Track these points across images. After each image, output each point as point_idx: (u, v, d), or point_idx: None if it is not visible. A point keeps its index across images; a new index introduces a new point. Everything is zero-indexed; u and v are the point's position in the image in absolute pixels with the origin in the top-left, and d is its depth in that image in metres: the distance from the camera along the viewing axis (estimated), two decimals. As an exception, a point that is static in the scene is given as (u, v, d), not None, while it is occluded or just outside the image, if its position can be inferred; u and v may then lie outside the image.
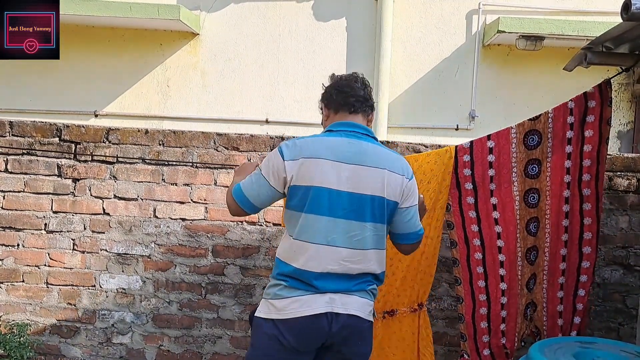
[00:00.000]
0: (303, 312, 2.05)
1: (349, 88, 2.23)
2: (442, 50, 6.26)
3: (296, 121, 6.21)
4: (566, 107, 2.82)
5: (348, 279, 2.10)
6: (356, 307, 2.11)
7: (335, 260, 2.07)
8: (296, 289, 2.07)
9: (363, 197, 2.08)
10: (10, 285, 3.44)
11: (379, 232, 2.14)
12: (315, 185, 2.05)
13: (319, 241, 2.07)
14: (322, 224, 2.06)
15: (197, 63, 6.32)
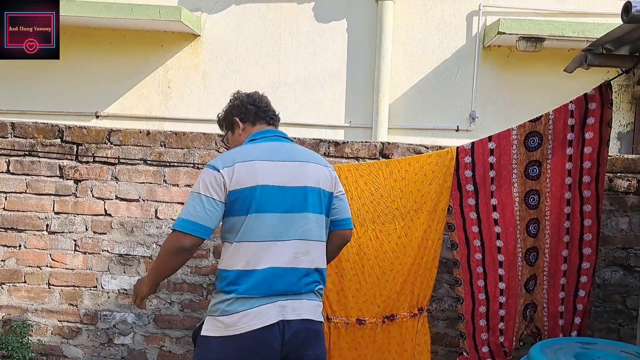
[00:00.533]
0: (254, 325, 2.00)
1: (264, 103, 2.36)
2: (442, 51, 6.26)
3: (297, 122, 6.21)
4: (567, 109, 2.83)
5: (296, 278, 2.09)
6: (307, 310, 2.11)
7: (283, 254, 2.07)
8: (245, 302, 2.01)
9: (303, 189, 2.14)
10: (12, 286, 3.45)
11: (320, 223, 2.18)
12: (257, 184, 2.05)
13: (266, 238, 2.05)
14: (268, 221, 2.06)
15: (198, 64, 6.33)
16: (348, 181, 2.86)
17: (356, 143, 3.42)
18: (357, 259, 2.88)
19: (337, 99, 6.30)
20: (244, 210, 2.04)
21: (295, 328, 2.06)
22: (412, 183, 2.87)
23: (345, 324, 2.90)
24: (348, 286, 2.88)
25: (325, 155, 3.41)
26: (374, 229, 2.89)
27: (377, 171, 2.88)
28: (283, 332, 2.04)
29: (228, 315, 2.01)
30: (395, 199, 2.88)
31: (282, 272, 2.06)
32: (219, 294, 2.07)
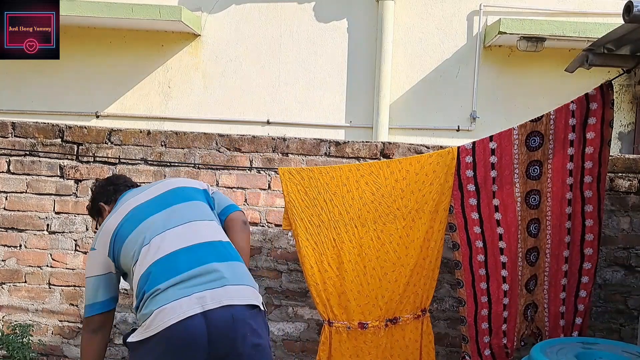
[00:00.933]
0: (170, 321, 1.87)
1: (122, 179, 2.50)
2: (443, 51, 6.26)
3: (297, 122, 6.22)
4: (568, 109, 2.83)
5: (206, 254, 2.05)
6: (231, 295, 1.96)
7: (177, 238, 2.06)
8: (160, 299, 1.92)
9: (174, 190, 2.26)
10: (12, 285, 3.44)
11: (200, 207, 2.23)
12: (127, 212, 2.17)
13: (157, 233, 2.08)
14: (150, 223, 2.11)
15: (198, 64, 6.32)
16: (349, 181, 2.86)
17: (357, 143, 3.42)
18: (358, 260, 2.86)
19: (338, 99, 6.29)
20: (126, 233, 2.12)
21: (219, 317, 1.90)
22: (413, 183, 2.86)
23: (347, 329, 2.87)
24: (350, 288, 2.85)
25: (326, 155, 3.41)
26: (375, 229, 2.88)
27: (378, 171, 2.87)
28: (208, 323, 1.89)
29: (146, 319, 1.92)
30: (397, 199, 2.87)
31: (188, 252, 2.03)
32: (139, 308, 2.00)
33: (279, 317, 3.44)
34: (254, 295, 2.05)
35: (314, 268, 2.84)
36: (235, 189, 3.43)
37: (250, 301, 2.00)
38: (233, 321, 1.92)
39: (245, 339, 1.94)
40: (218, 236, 2.15)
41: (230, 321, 1.92)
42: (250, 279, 2.10)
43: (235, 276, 2.03)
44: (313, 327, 3.43)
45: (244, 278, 2.07)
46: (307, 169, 2.89)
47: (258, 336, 1.99)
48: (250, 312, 1.99)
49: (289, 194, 2.85)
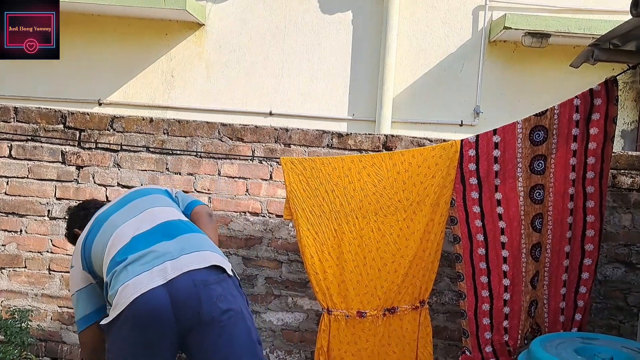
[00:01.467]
0: (133, 296, 1.85)
1: (92, 203, 2.56)
2: (448, 45, 6.24)
3: (299, 114, 6.21)
4: (572, 104, 2.82)
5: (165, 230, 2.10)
6: (190, 261, 1.95)
7: (136, 225, 2.12)
8: (122, 277, 1.93)
9: (133, 191, 2.37)
10: (12, 270, 3.45)
11: (158, 198, 2.31)
12: (92, 223, 2.25)
13: (118, 227, 2.13)
14: (112, 222, 2.17)
15: (202, 53, 6.31)
16: (351, 172, 2.85)
17: (359, 135, 3.41)
18: (358, 251, 2.87)
19: (341, 92, 6.28)
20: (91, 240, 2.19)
21: (179, 284, 1.88)
22: (415, 175, 2.85)
23: (345, 317, 2.89)
24: (349, 278, 2.87)
25: (329, 146, 3.40)
26: (376, 220, 2.88)
27: (380, 163, 2.86)
28: (173, 294, 1.86)
29: (113, 298, 1.93)
30: (398, 191, 2.87)
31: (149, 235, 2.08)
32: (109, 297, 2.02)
33: (279, 307, 3.44)
34: (217, 259, 2.01)
35: (314, 257, 2.84)
36: (237, 179, 3.42)
37: (212, 262, 1.97)
38: (194, 286, 1.88)
39: (212, 305, 1.89)
40: (176, 216, 2.22)
41: (192, 286, 1.88)
42: (213, 246, 2.11)
43: (195, 245, 2.04)
44: (312, 317, 3.44)
45: (206, 244, 2.08)
46: (310, 159, 2.89)
47: (227, 301, 1.93)
48: (216, 277, 1.94)
49: (290, 183, 2.85)
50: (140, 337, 1.87)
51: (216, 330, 1.91)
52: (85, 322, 2.21)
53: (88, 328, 2.19)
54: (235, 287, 2.02)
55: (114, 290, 1.92)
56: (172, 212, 2.25)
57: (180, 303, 1.86)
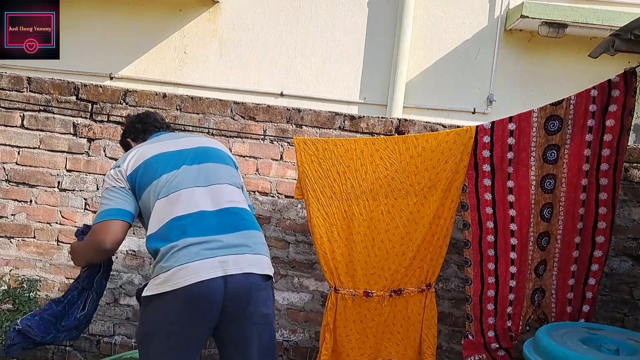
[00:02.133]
0: (190, 280, 1.91)
1: (152, 118, 2.47)
2: (463, 31, 6.17)
3: (311, 96, 6.17)
4: (589, 95, 2.79)
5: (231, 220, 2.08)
6: (250, 263, 2.02)
7: (207, 198, 2.08)
8: (182, 256, 1.94)
9: (205, 148, 2.26)
10: (21, 240, 3.47)
11: (230, 172, 2.25)
12: (154, 154, 2.17)
13: (188, 186, 2.09)
14: (183, 173, 2.12)
15: (215, 31, 6.26)
16: (363, 154, 2.85)
17: (372, 118, 3.40)
18: (367, 232, 2.87)
19: (353, 75, 6.23)
20: (151, 177, 2.12)
21: (238, 283, 1.96)
22: (428, 160, 2.84)
23: (352, 296, 2.91)
24: (357, 258, 2.88)
25: (340, 129, 3.39)
26: (386, 203, 2.87)
27: (393, 146, 2.85)
28: (226, 287, 1.94)
29: (164, 272, 1.95)
30: (410, 175, 2.86)
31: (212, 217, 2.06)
32: (156, 260, 2.02)
33: (285, 287, 3.45)
34: (269, 266, 2.13)
35: (324, 238, 2.85)
36: (248, 158, 3.42)
37: (266, 271, 2.08)
38: (250, 288, 2.00)
39: (257, 307, 2.02)
40: (243, 204, 2.20)
41: (247, 287, 1.99)
42: (267, 249, 2.16)
43: (256, 245, 2.09)
44: (317, 298, 3.45)
45: (263, 248, 2.13)
46: (322, 140, 2.88)
47: (267, 306, 2.07)
48: (265, 283, 2.07)
49: (302, 164, 2.84)
50: (185, 318, 1.93)
51: (252, 328, 2.04)
52: (119, 215, 2.07)
53: (120, 221, 2.07)
54: (273, 293, 2.16)
55: (169, 264, 1.94)
56: (238, 195, 2.22)
57: (232, 299, 1.96)
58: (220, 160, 2.25)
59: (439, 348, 3.40)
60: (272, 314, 2.11)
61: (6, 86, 3.37)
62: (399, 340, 2.99)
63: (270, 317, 2.10)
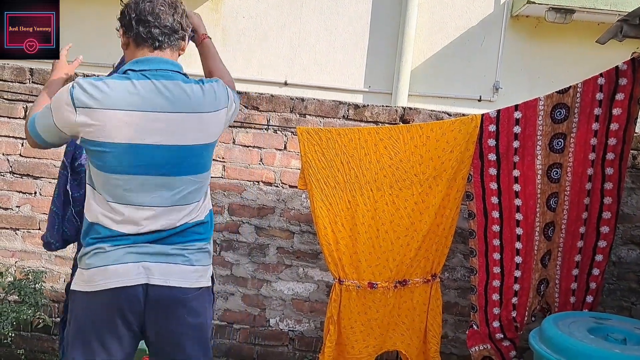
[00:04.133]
0: (111, 284, 1.81)
1: (153, 16, 1.84)
2: (469, 18, 6.11)
3: (315, 85, 6.13)
4: (596, 83, 2.75)
5: (168, 239, 1.88)
6: (177, 276, 1.87)
7: (150, 219, 1.84)
8: (106, 257, 1.83)
9: (180, 149, 1.84)
10: (26, 232, 3.47)
11: (199, 183, 1.93)
12: (117, 141, 1.77)
13: (132, 202, 1.83)
14: (136, 185, 1.82)
15: (218, 20, 6.22)
16: (367, 144, 2.82)
17: (376, 107, 3.37)
18: (372, 223, 2.85)
19: (358, 63, 6.19)
20: (101, 166, 1.83)
21: (159, 294, 1.85)
22: (433, 149, 2.82)
23: (356, 287, 2.89)
24: (362, 249, 2.86)
25: (344, 118, 3.36)
26: (390, 193, 2.85)
27: (397, 136, 2.83)
28: (146, 296, 1.84)
29: (88, 269, 1.84)
30: (415, 165, 2.83)
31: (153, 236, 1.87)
32: (86, 245, 1.89)
33: (289, 277, 3.45)
34: (200, 277, 1.95)
35: (328, 228, 2.83)
36: (252, 148, 3.40)
37: (195, 284, 1.92)
38: (172, 302, 1.87)
39: (180, 319, 1.89)
40: (183, 220, 1.92)
41: (168, 301, 1.87)
42: (203, 258, 1.97)
43: (186, 257, 1.92)
44: (322, 288, 3.44)
45: (197, 258, 1.95)
46: (326, 130, 2.86)
47: (197, 315, 1.93)
48: (194, 294, 1.92)
49: (306, 154, 2.82)
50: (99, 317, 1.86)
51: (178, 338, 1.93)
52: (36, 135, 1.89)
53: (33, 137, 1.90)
54: (208, 298, 2.01)
55: (92, 262, 1.85)
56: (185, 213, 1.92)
57: (153, 310, 1.86)
58: (191, 170, 1.91)
59: (445, 337, 3.39)
60: (202, 321, 1.96)
61: (9, 78, 3.36)
62: (404, 330, 2.98)
63: (200, 325, 1.95)
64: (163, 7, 1.86)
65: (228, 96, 1.99)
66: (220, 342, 3.47)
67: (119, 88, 1.78)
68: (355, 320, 2.91)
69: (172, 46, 1.91)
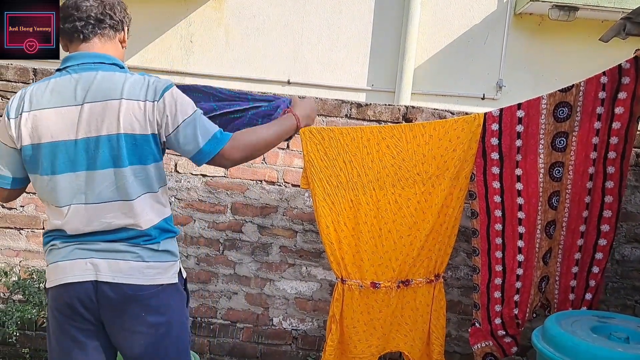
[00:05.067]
0: (60, 280, 1.81)
1: (75, 9, 1.86)
2: (472, 16, 6.10)
3: (318, 83, 6.14)
4: (598, 81, 2.74)
5: (114, 236, 1.82)
6: (128, 272, 1.82)
7: (90, 218, 1.80)
8: (58, 254, 1.84)
9: (101, 140, 1.76)
10: (30, 232, 3.48)
11: (138, 174, 1.81)
12: (42, 142, 1.77)
13: (67, 202, 1.80)
14: (64, 184, 1.79)
15: (221, 19, 6.23)
16: (370, 143, 2.82)
17: (379, 106, 3.37)
18: (374, 222, 2.85)
19: (361, 62, 6.19)
20: (34, 169, 1.83)
21: (108, 292, 1.81)
22: (435, 148, 2.81)
23: (359, 287, 2.89)
24: (364, 249, 2.86)
25: (347, 117, 3.36)
26: (393, 192, 2.85)
27: (400, 134, 2.82)
28: (96, 294, 1.81)
29: (47, 266, 1.88)
30: (417, 164, 2.83)
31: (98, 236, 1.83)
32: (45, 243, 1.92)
33: (292, 276, 3.45)
34: (158, 274, 1.89)
35: (330, 227, 2.83)
36: (254, 147, 3.40)
37: (152, 281, 1.86)
38: (124, 299, 1.82)
39: (137, 317, 1.84)
40: (148, 217, 1.86)
41: (120, 298, 1.82)
42: (158, 255, 1.89)
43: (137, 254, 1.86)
44: (326, 287, 3.45)
45: (150, 255, 1.87)
46: (328, 129, 2.86)
47: (158, 313, 1.87)
48: (152, 292, 1.85)
49: (308, 153, 2.82)
50: (67, 312, 1.86)
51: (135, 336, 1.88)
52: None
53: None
54: (172, 295, 1.93)
55: (49, 259, 1.87)
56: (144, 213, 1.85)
57: (105, 309, 1.84)
58: (123, 162, 1.79)
59: (449, 336, 3.40)
60: (166, 320, 1.89)
61: (12, 78, 3.37)
62: (407, 331, 2.98)
63: (161, 324, 1.89)
64: (86, 1, 1.86)
65: (160, 95, 1.81)
66: (223, 341, 3.48)
67: (40, 89, 1.82)
68: (358, 320, 2.91)
69: (99, 35, 1.88)
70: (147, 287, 1.84)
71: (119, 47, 1.97)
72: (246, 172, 3.40)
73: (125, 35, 1.99)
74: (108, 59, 1.87)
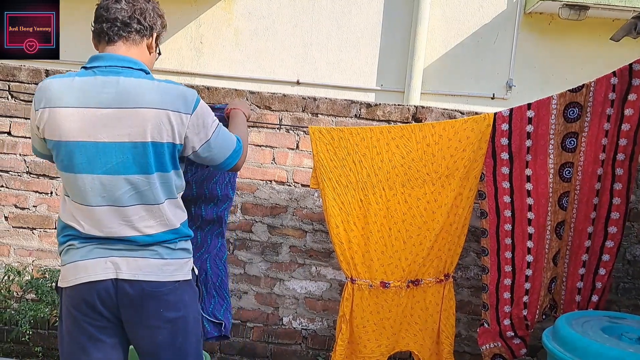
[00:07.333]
0: (80, 279, 1.84)
1: (105, 10, 1.86)
2: (482, 15, 6.08)
3: (327, 84, 6.15)
4: (608, 82, 2.73)
5: (137, 241, 1.87)
6: (147, 270, 1.86)
7: (113, 221, 1.83)
8: (76, 253, 1.86)
9: (125, 146, 1.78)
10: (42, 232, 3.52)
11: (163, 181, 1.86)
12: (63, 139, 1.79)
13: (90, 203, 1.82)
14: (86, 184, 1.81)
15: (231, 20, 6.26)
16: (379, 143, 2.82)
17: (388, 106, 3.37)
18: (384, 222, 2.86)
19: (370, 61, 6.19)
20: (59, 164, 1.86)
21: (127, 289, 1.84)
22: (445, 148, 2.81)
23: (369, 286, 2.90)
24: (374, 248, 2.86)
25: (357, 117, 3.37)
26: (403, 192, 2.85)
27: (409, 134, 2.83)
28: (116, 291, 1.84)
29: (64, 266, 1.90)
30: (427, 164, 2.83)
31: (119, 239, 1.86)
32: (60, 244, 1.95)
33: (302, 276, 3.46)
34: (176, 270, 1.93)
35: (340, 227, 2.84)
36: (264, 147, 3.42)
37: (170, 278, 1.90)
38: (143, 296, 1.86)
39: (155, 314, 1.88)
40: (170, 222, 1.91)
41: (139, 295, 1.86)
42: (175, 252, 1.94)
43: (155, 251, 1.90)
44: (335, 287, 3.46)
45: (168, 252, 1.92)
46: (337, 129, 2.86)
47: (175, 309, 1.92)
48: (170, 288, 1.90)
49: (318, 153, 2.83)
50: (78, 314, 1.88)
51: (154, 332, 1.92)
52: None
53: None
54: (188, 291, 1.97)
55: (66, 259, 1.90)
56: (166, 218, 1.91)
57: (124, 306, 1.87)
58: (145, 169, 1.83)
59: (458, 336, 3.39)
60: (182, 315, 1.93)
61: (25, 79, 3.40)
62: (417, 331, 2.98)
63: (179, 319, 1.93)
64: (117, 2, 1.87)
65: (193, 109, 1.86)
66: (233, 340, 3.50)
67: (64, 85, 1.81)
68: (368, 320, 2.92)
69: (124, 38, 1.88)
70: (165, 283, 1.88)
71: (145, 52, 1.95)
72: (256, 173, 3.41)
73: (153, 41, 1.98)
74: (136, 64, 1.86)
